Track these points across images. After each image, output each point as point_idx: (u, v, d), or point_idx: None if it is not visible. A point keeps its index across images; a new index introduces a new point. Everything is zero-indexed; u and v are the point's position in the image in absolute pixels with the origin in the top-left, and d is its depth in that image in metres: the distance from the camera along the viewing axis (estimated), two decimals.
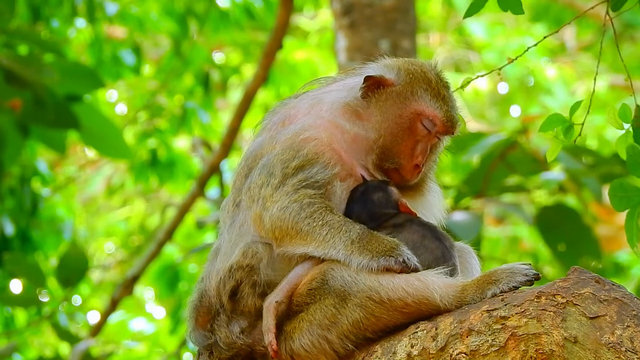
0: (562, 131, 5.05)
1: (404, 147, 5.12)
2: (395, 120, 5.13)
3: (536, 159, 9.78)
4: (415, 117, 5.13)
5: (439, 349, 4.66)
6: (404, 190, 5.17)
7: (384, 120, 5.13)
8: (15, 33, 9.45)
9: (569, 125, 5.05)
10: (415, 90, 5.15)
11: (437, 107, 5.14)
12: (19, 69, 8.92)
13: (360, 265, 4.79)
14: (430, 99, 5.15)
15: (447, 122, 5.14)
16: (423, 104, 5.14)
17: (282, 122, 5.16)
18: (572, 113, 5.04)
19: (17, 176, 10.95)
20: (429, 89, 5.16)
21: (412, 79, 5.17)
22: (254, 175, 5.05)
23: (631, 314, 4.44)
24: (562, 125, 5.06)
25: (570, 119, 5.04)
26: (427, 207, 5.25)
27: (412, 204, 5.15)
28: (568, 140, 5.04)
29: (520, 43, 15.66)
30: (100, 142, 9.78)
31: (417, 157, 5.11)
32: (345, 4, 9.47)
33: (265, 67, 10.59)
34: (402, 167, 5.12)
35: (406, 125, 5.12)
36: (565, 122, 5.05)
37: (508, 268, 4.79)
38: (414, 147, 5.12)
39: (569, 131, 5.05)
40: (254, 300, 4.96)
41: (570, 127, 5.05)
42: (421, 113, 5.13)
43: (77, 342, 9.98)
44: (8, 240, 10.84)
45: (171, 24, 12.73)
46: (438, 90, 5.17)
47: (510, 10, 5.18)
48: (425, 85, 5.16)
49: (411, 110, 5.13)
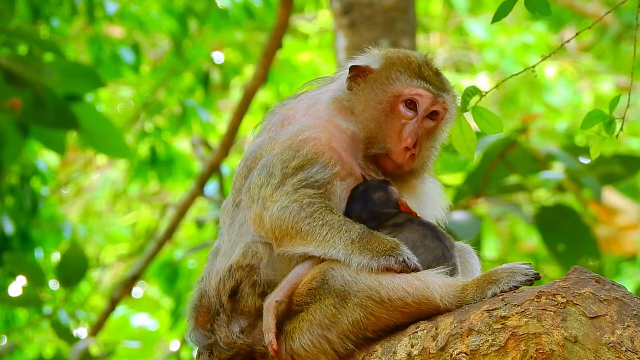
0: (604, 127, 4.99)
1: (390, 132, 5.09)
2: (376, 107, 5.11)
3: (536, 159, 9.78)
4: (395, 100, 5.10)
5: (439, 348, 4.66)
6: (403, 185, 5.16)
7: (366, 109, 5.12)
8: (15, 32, 9.45)
9: (610, 121, 4.99)
10: (391, 74, 5.13)
11: (417, 86, 5.10)
12: (19, 68, 8.92)
13: (361, 264, 4.79)
14: (408, 79, 5.11)
15: (431, 100, 5.10)
16: (400, 86, 5.11)
17: (281, 123, 5.16)
18: (612, 108, 4.98)
19: (17, 175, 10.95)
20: (407, 70, 5.12)
21: (390, 63, 5.16)
22: (253, 176, 5.05)
23: (631, 313, 4.44)
24: (604, 121, 5.01)
25: (610, 114, 4.97)
26: (428, 203, 5.24)
27: (412, 199, 5.14)
28: (610, 135, 4.97)
29: (520, 41, 15.66)
30: (99, 141, 9.78)
31: (406, 139, 5.07)
32: (345, 4, 9.46)
33: (265, 67, 10.59)
34: (391, 152, 5.09)
35: (387, 109, 5.10)
36: (605, 118, 5.00)
37: (508, 268, 4.79)
38: (401, 130, 5.08)
39: (610, 127, 4.99)
40: (254, 299, 4.96)
41: (612, 122, 4.99)
42: (400, 95, 5.11)
43: (76, 342, 9.98)
44: (8, 239, 10.84)
45: (171, 22, 12.73)
46: (419, 70, 5.13)
47: (538, 12, 5.13)
48: (402, 67, 5.13)
49: (389, 94, 5.10)
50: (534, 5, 5.11)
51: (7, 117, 9.38)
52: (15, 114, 9.31)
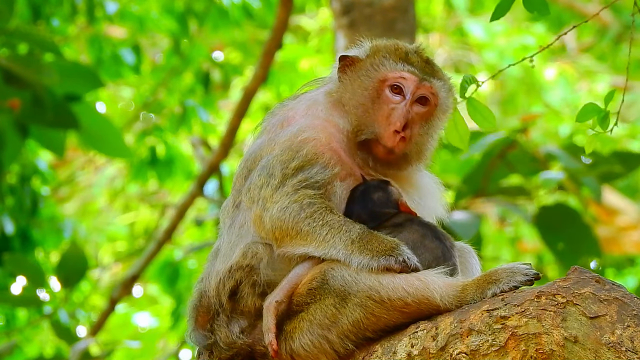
0: (598, 121, 4.98)
1: (378, 117, 5.08)
2: (362, 94, 5.11)
3: (536, 158, 9.78)
4: (380, 85, 5.10)
5: (439, 348, 4.66)
6: (402, 177, 5.15)
7: (353, 96, 5.12)
8: (14, 33, 9.44)
9: (604, 115, 4.98)
10: (377, 60, 5.13)
11: (401, 70, 5.10)
12: (19, 68, 8.92)
13: (361, 264, 4.79)
14: (393, 63, 5.11)
15: (416, 83, 5.09)
16: (385, 70, 5.11)
17: (280, 124, 5.16)
18: (607, 103, 4.97)
19: (17, 175, 10.95)
20: (393, 55, 5.12)
21: (376, 51, 5.17)
22: (253, 177, 5.05)
23: (631, 313, 4.44)
24: (598, 115, 4.99)
25: (605, 108, 4.96)
26: (427, 196, 5.22)
27: (412, 191, 5.13)
28: (604, 130, 4.97)
29: (520, 42, 15.66)
30: (99, 142, 9.78)
31: (395, 123, 5.06)
32: (345, 4, 9.46)
33: (264, 67, 10.60)
34: (380, 136, 5.07)
35: (374, 95, 5.10)
36: (600, 112, 4.99)
37: (508, 268, 4.79)
38: (390, 114, 5.07)
39: (605, 121, 4.98)
40: (254, 299, 4.96)
41: (606, 117, 4.98)
42: (385, 79, 5.11)
43: (76, 342, 9.98)
44: (8, 239, 10.84)
45: (171, 22, 12.73)
46: (405, 56, 5.13)
47: (537, 12, 5.12)
48: (388, 53, 5.14)
49: (374, 79, 5.11)
50: (533, 5, 5.10)
51: (7, 118, 9.38)
52: (14, 114, 9.31)
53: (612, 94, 4.99)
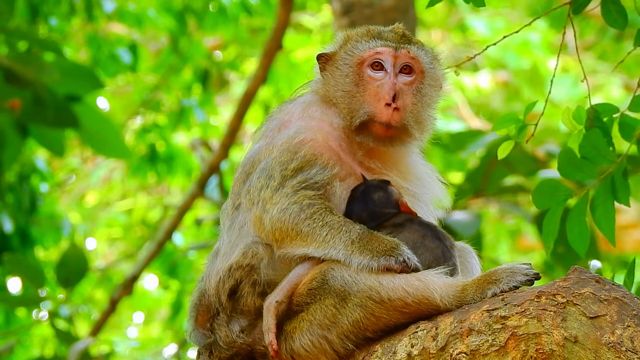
0: (516, 130, 5.02)
1: (366, 97, 5.07)
2: (345, 81, 5.11)
3: (536, 158, 9.77)
4: (359, 68, 5.11)
5: (439, 348, 4.66)
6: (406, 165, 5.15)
7: (337, 87, 5.12)
8: (14, 32, 9.44)
9: (522, 126, 5.04)
10: (349, 46, 5.14)
11: (375, 46, 5.10)
12: (19, 68, 8.92)
13: (361, 265, 4.79)
14: (366, 44, 5.11)
15: (393, 53, 5.09)
16: (359, 52, 5.11)
17: (278, 128, 5.17)
18: (527, 112, 5.02)
19: (16, 173, 10.95)
20: (365, 37, 5.13)
21: (347, 39, 5.18)
22: (252, 179, 5.05)
23: (631, 313, 4.44)
24: (516, 125, 5.02)
25: (524, 118, 5.02)
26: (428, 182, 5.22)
27: (413, 179, 5.13)
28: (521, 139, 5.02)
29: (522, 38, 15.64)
30: (99, 141, 9.77)
31: (384, 96, 5.05)
32: (345, 4, 9.46)
33: (264, 68, 10.60)
34: (374, 114, 5.06)
35: (357, 79, 5.10)
36: (519, 122, 5.03)
37: (508, 268, 4.79)
38: (377, 91, 5.07)
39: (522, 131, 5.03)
40: (254, 299, 4.96)
41: (524, 127, 5.03)
42: (362, 61, 5.12)
43: (75, 342, 9.97)
44: (7, 238, 10.84)
45: (169, 20, 12.73)
46: (378, 34, 5.14)
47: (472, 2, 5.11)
48: (359, 37, 5.15)
49: (352, 65, 5.12)
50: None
51: (7, 117, 9.38)
52: (14, 113, 9.31)
53: (533, 105, 5.02)
